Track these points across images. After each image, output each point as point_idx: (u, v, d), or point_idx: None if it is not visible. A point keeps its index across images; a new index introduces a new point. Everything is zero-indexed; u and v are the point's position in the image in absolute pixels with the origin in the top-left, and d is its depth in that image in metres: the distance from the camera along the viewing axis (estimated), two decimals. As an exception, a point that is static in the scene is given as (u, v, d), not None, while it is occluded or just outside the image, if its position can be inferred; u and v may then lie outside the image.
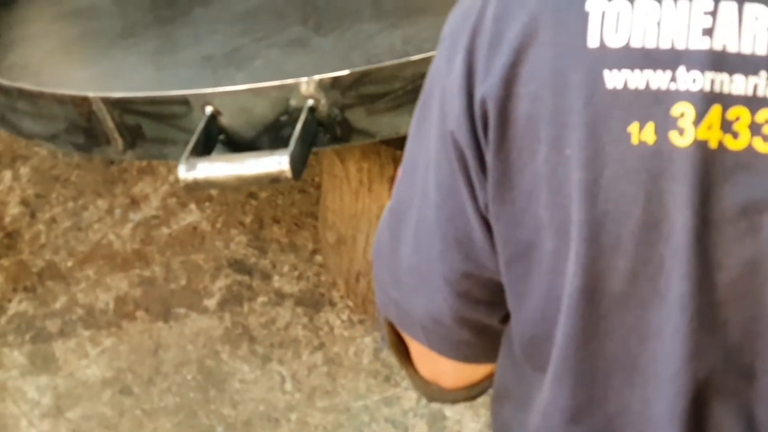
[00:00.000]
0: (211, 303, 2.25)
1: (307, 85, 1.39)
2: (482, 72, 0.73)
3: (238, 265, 2.33)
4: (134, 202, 2.56)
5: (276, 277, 2.29)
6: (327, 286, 2.24)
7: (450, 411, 1.97)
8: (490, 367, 0.95)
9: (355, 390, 2.03)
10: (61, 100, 1.59)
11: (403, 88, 1.38)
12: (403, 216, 0.85)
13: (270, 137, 1.45)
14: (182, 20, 1.91)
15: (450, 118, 0.76)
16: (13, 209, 2.60)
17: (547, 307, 0.78)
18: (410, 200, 0.84)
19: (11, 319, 2.28)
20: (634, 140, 0.69)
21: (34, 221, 2.55)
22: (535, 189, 0.74)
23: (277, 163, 1.32)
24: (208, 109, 1.45)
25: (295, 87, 1.39)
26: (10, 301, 2.33)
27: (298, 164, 1.33)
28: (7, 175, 2.70)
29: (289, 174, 1.31)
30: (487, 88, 0.73)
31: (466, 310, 0.85)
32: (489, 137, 0.74)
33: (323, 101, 1.40)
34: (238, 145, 1.47)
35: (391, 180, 1.85)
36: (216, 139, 1.47)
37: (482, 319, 0.87)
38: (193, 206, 2.52)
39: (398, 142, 1.81)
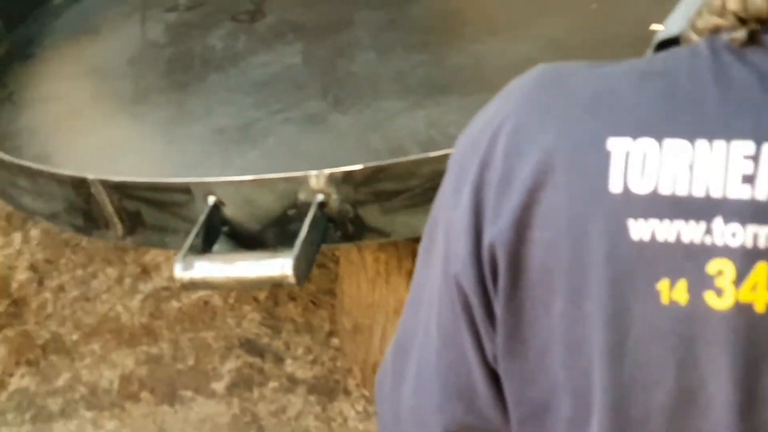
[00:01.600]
0: (219, 386, 2.13)
1: (316, 178, 1.27)
2: (492, 212, 0.66)
3: (250, 345, 2.22)
4: (145, 272, 2.46)
5: (289, 361, 2.16)
6: (343, 372, 2.12)
7: None
8: None
9: (367, 488, 1.91)
10: (60, 180, 1.50)
11: (420, 186, 1.26)
12: (407, 352, 0.78)
13: (276, 231, 1.34)
14: (196, 87, 1.84)
15: (454, 260, 0.68)
16: (21, 275, 2.50)
17: None
18: (413, 337, 0.77)
19: (12, 396, 2.18)
20: (664, 299, 0.61)
21: (41, 288, 2.46)
22: (550, 345, 0.66)
23: (280, 266, 1.20)
24: (211, 199, 1.34)
25: (303, 180, 1.28)
26: (11, 375, 2.22)
27: (303, 269, 1.22)
28: (17, 237, 2.61)
29: (292, 280, 1.20)
30: (497, 231, 0.65)
31: None
32: (498, 286, 0.67)
33: (334, 196, 1.29)
34: (242, 237, 1.36)
35: (409, 274, 1.74)
36: (219, 230, 1.36)
37: None
38: (206, 278, 2.41)
39: (417, 238, 1.71)
